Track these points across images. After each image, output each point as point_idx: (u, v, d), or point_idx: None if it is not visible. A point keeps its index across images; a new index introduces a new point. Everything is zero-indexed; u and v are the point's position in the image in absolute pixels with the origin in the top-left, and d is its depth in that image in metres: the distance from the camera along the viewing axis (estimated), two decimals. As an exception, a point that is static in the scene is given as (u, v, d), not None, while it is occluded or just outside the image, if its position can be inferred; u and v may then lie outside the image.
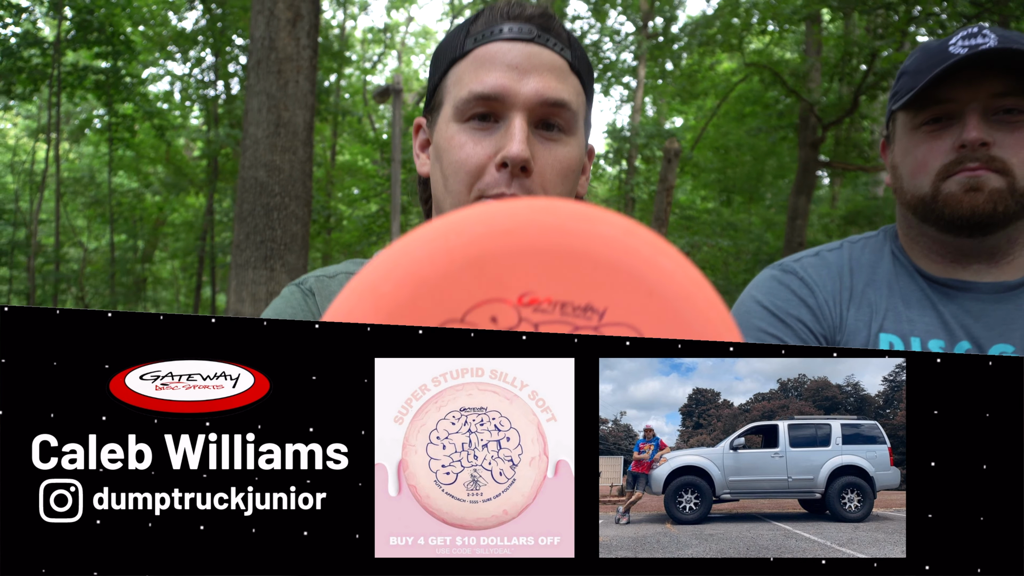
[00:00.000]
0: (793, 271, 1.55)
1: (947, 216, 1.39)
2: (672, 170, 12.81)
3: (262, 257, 9.73)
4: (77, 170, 24.10)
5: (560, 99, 1.10)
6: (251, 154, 9.80)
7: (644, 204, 22.27)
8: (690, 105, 25.04)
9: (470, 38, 1.13)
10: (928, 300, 1.47)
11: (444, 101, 1.16)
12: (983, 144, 1.34)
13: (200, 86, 20.52)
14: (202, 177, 20.73)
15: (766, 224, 22.46)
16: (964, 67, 1.33)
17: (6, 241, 21.30)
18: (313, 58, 10.24)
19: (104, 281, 22.98)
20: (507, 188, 1.07)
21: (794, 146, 17.48)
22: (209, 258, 20.94)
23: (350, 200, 22.88)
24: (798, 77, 15.31)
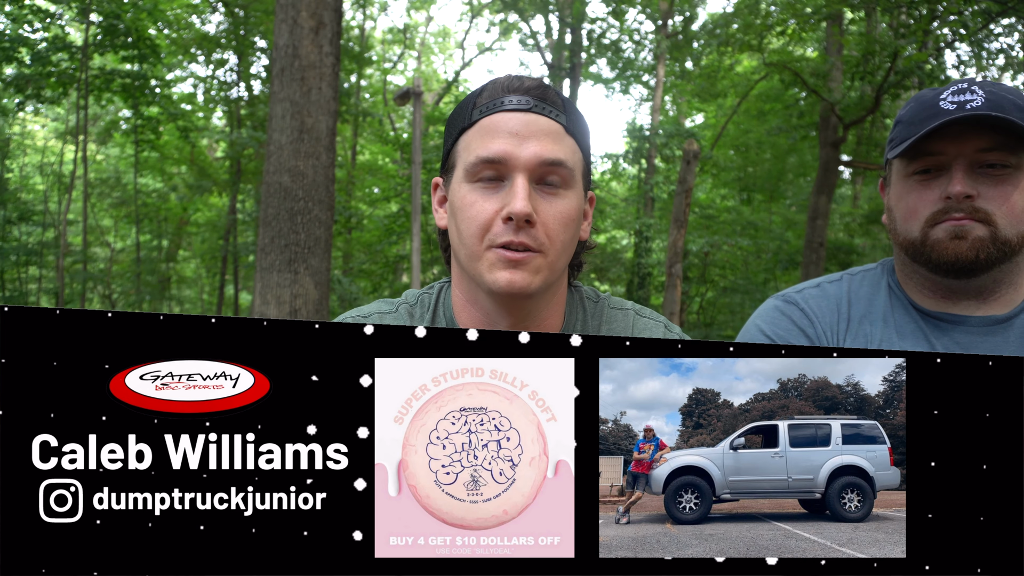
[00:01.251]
0: (795, 302, 1.63)
1: (934, 260, 1.48)
2: (691, 172, 12.76)
3: (286, 260, 9.76)
4: (104, 171, 24.31)
5: (556, 159, 1.23)
6: (275, 160, 9.84)
7: (664, 204, 22.18)
8: (710, 103, 24.94)
9: (476, 110, 1.27)
10: (921, 332, 1.54)
11: (456, 164, 1.29)
12: (967, 196, 1.43)
13: (223, 87, 20.65)
14: (225, 178, 20.86)
15: (786, 223, 22.28)
16: (952, 124, 1.42)
17: (36, 241, 21.51)
18: (336, 65, 10.27)
19: (130, 280, 23.14)
20: (514, 236, 1.20)
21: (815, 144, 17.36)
22: (232, 258, 21.06)
23: (371, 200, 22.92)
24: (819, 76, 15.18)
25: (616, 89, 25.88)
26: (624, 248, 24.29)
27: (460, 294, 1.34)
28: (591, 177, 1.38)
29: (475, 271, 1.24)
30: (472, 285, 1.30)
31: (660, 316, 1.42)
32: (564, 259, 1.27)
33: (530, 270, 1.21)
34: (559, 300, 1.36)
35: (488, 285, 1.23)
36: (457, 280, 1.35)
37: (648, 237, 20.35)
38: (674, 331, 1.40)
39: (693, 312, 22.61)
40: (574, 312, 1.39)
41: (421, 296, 1.41)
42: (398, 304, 1.39)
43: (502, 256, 1.21)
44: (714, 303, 23.04)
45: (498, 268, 1.21)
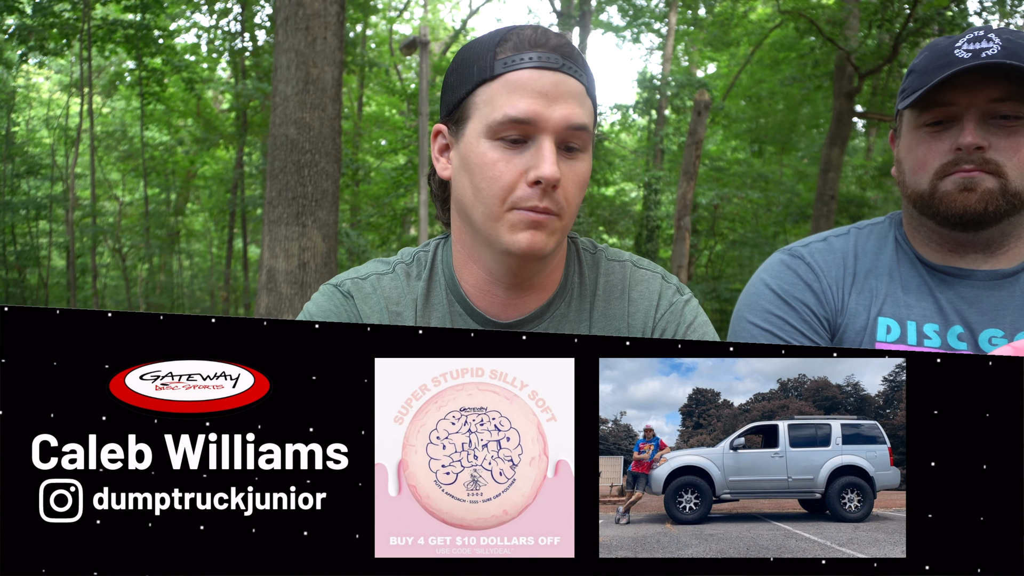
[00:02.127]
0: (801, 256, 1.63)
1: (942, 212, 1.47)
2: (702, 123, 12.66)
3: (294, 213, 9.75)
4: (110, 124, 24.24)
5: (582, 123, 1.22)
6: (281, 111, 9.79)
7: (673, 156, 22.04)
8: (722, 53, 24.64)
9: (499, 61, 1.22)
10: (926, 286, 1.54)
11: (471, 116, 1.24)
12: (978, 147, 1.41)
13: (227, 37, 20.47)
14: (231, 130, 20.78)
15: (798, 176, 22.12)
16: (966, 73, 1.39)
17: (44, 195, 21.55)
18: (340, 14, 10.16)
19: (139, 234, 23.19)
20: (539, 202, 1.19)
21: (829, 95, 17.15)
22: (240, 211, 21.06)
23: (378, 152, 22.81)
24: (835, 24, 14.94)
25: (627, 38, 25.58)
26: (633, 201, 24.18)
27: (461, 249, 1.33)
28: None
29: (492, 231, 1.23)
30: (476, 241, 1.29)
31: (657, 267, 1.41)
32: (574, 219, 1.27)
33: (548, 232, 1.21)
34: (561, 256, 1.35)
35: (506, 246, 1.22)
36: (459, 236, 1.33)
37: (657, 190, 20.23)
38: (671, 281, 1.39)
39: (701, 265, 22.58)
40: (571, 264, 1.39)
41: (417, 254, 1.39)
42: (394, 263, 1.37)
43: (526, 218, 1.20)
44: (723, 256, 22.98)
45: (519, 229, 1.20)
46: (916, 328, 1.50)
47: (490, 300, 1.33)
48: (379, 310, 1.31)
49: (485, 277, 1.31)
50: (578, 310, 1.36)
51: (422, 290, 1.34)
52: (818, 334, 1.55)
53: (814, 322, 1.55)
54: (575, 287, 1.37)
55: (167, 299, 24.32)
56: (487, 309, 1.33)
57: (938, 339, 1.49)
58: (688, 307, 1.37)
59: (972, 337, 1.48)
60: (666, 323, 1.34)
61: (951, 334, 1.49)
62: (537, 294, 1.34)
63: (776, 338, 1.55)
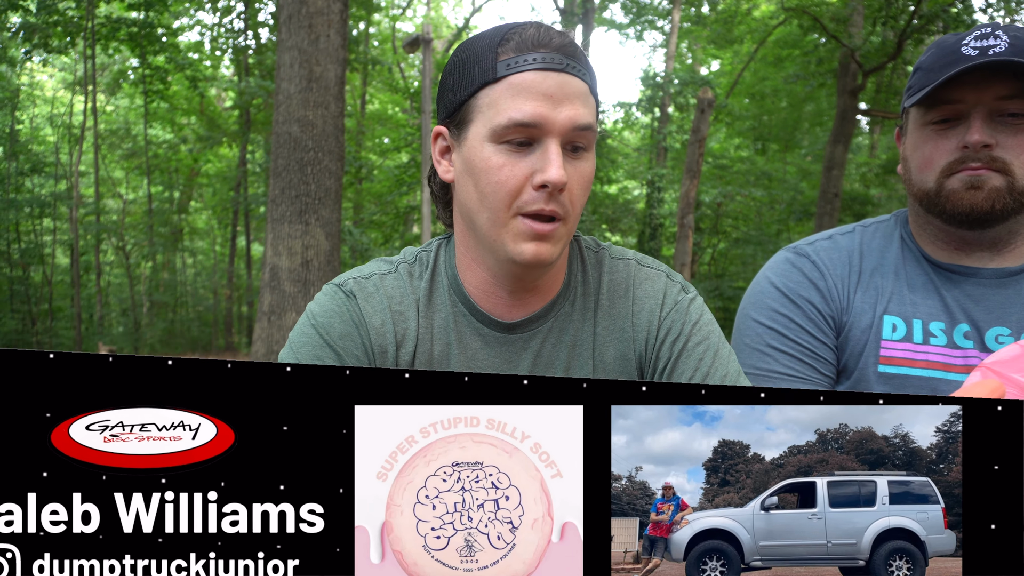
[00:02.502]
0: (806, 254, 1.62)
1: (949, 210, 1.46)
2: (705, 121, 12.57)
3: (297, 212, 9.74)
4: (114, 122, 24.28)
5: (587, 123, 1.20)
6: (284, 109, 9.76)
7: (677, 154, 21.98)
8: (726, 50, 24.54)
9: (501, 63, 1.19)
10: (932, 284, 1.54)
11: (474, 119, 1.22)
12: (985, 145, 1.41)
13: (230, 35, 20.47)
14: (235, 128, 20.77)
15: (801, 174, 22.06)
16: (973, 70, 1.39)
17: (48, 193, 21.58)
18: (343, 11, 10.11)
19: (143, 232, 23.24)
20: (545, 205, 1.18)
21: (833, 93, 17.07)
22: (243, 209, 21.06)
23: (381, 150, 22.77)
24: (839, 21, 14.84)
25: (630, 35, 25.53)
26: (636, 199, 24.14)
27: (464, 252, 1.31)
28: None
29: (497, 237, 1.22)
30: (480, 246, 1.27)
31: (662, 265, 1.39)
32: (578, 221, 1.25)
33: (554, 241, 1.20)
34: (564, 257, 1.34)
35: (511, 255, 1.21)
36: (462, 238, 1.32)
37: (660, 187, 20.19)
38: (676, 279, 1.37)
39: (705, 263, 22.54)
40: (575, 264, 1.37)
41: (419, 254, 1.37)
42: (397, 263, 1.35)
43: (530, 228, 1.18)
44: (726, 254, 22.95)
45: (523, 239, 1.19)
46: (922, 326, 1.50)
47: (494, 301, 1.31)
48: (382, 309, 1.29)
49: (488, 279, 1.30)
50: (582, 309, 1.34)
51: (424, 290, 1.32)
52: (824, 332, 1.55)
53: (819, 320, 1.55)
54: (579, 286, 1.36)
55: (170, 297, 24.36)
56: (491, 310, 1.31)
57: (944, 337, 1.48)
58: (693, 305, 1.35)
59: (978, 335, 1.48)
60: (671, 322, 1.32)
61: (957, 332, 1.49)
62: (541, 294, 1.32)
63: (781, 336, 1.55)
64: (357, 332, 1.26)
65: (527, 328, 1.31)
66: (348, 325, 1.26)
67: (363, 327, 1.27)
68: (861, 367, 1.51)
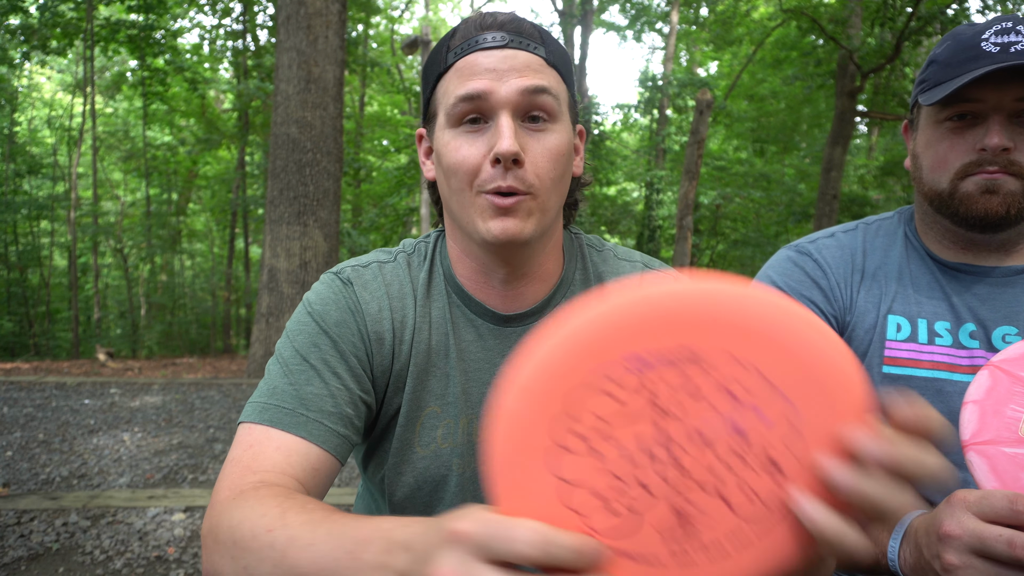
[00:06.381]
0: (808, 252, 1.59)
1: (962, 213, 1.42)
2: (704, 122, 12.63)
3: (295, 213, 9.72)
4: (112, 124, 24.26)
5: (539, 85, 1.17)
6: (282, 110, 9.77)
7: (675, 155, 22.02)
8: (724, 52, 24.60)
9: (451, 52, 1.21)
10: (937, 283, 1.50)
11: (437, 112, 1.24)
12: (1004, 149, 1.36)
13: (229, 37, 20.49)
14: (233, 130, 20.78)
15: (800, 175, 22.07)
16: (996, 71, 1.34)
17: (46, 195, 21.56)
18: (342, 13, 10.14)
19: (141, 234, 23.20)
20: (503, 181, 1.14)
21: (831, 94, 17.12)
22: (242, 211, 21.06)
23: (380, 152, 22.81)
24: (837, 23, 14.92)
25: (629, 37, 25.62)
26: (635, 200, 24.19)
27: (455, 245, 1.31)
28: (578, 111, 1.32)
29: (468, 219, 1.19)
30: (465, 236, 1.26)
31: (669, 269, 1.37)
32: (556, 198, 1.21)
33: (521, 215, 1.16)
34: (556, 243, 1.31)
35: (481, 235, 1.17)
36: (451, 232, 1.31)
37: (659, 189, 20.23)
38: None
39: (703, 265, 22.54)
40: (573, 259, 1.35)
41: (418, 245, 1.37)
42: (396, 253, 1.35)
43: (492, 203, 1.15)
44: (724, 256, 22.98)
45: (489, 216, 1.16)
46: (927, 326, 1.46)
47: (487, 292, 1.30)
48: (379, 296, 1.27)
49: (478, 269, 1.29)
50: None
51: (423, 280, 1.32)
52: None
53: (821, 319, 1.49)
54: (577, 282, 1.35)
55: (168, 299, 24.32)
56: (485, 300, 1.30)
57: (949, 337, 1.44)
58: None
59: (985, 335, 1.43)
60: None
61: (963, 332, 1.44)
62: (535, 286, 1.30)
63: None
64: (353, 319, 1.24)
65: (522, 322, 1.30)
66: (344, 312, 1.24)
67: (359, 314, 1.25)
68: (865, 368, 1.46)
